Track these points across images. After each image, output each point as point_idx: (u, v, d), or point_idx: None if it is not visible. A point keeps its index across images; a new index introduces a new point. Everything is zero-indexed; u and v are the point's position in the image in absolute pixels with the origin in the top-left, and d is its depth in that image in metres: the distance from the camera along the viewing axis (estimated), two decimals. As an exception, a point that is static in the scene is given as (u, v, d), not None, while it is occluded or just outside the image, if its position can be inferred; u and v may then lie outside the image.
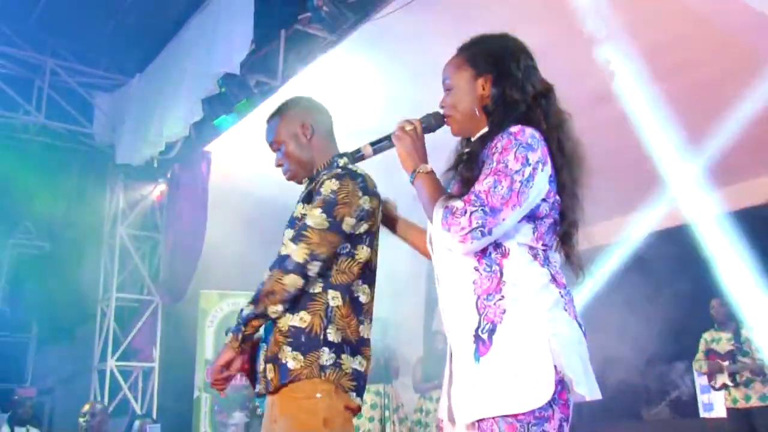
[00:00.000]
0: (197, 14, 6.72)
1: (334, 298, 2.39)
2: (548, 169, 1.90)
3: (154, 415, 8.46)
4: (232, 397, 8.90)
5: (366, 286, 2.48)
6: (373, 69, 6.29)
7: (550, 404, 1.77)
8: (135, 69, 8.00)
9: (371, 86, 6.44)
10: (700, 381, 8.19)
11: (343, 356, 2.35)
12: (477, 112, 2.04)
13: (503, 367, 1.80)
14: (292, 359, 2.33)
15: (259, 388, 2.43)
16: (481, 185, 1.81)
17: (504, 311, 1.83)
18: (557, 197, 1.94)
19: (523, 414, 1.76)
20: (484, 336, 1.84)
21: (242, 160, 8.18)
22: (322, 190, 2.41)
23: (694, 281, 7.45)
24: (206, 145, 7.86)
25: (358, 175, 2.46)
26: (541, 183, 1.87)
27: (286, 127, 2.65)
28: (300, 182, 2.68)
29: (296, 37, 6.13)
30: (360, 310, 2.44)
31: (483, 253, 1.88)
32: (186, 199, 8.22)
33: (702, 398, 8.19)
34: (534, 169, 1.84)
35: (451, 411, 1.92)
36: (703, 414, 8.08)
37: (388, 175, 2.62)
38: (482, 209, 1.78)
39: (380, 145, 2.07)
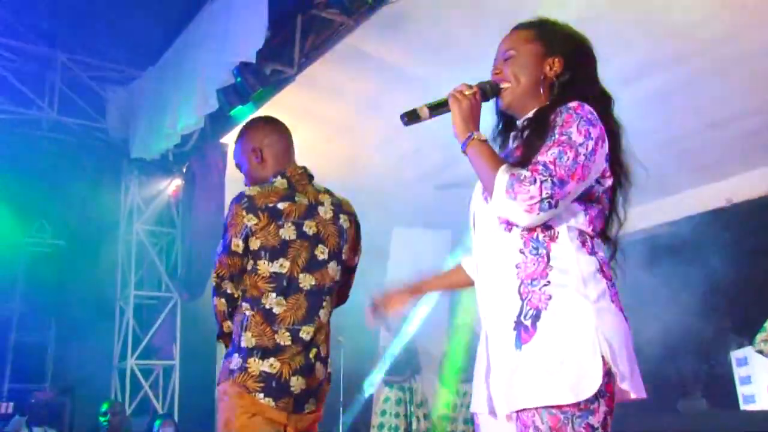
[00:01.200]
0: (210, 3, 6.67)
1: (248, 309, 2.67)
2: (606, 146, 1.86)
3: (176, 413, 8.45)
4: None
5: (281, 297, 2.67)
6: (390, 54, 6.21)
7: (596, 396, 1.71)
8: (147, 62, 7.98)
9: (389, 72, 6.36)
10: (740, 372, 8.05)
11: (251, 360, 2.59)
12: (541, 89, 1.99)
13: (548, 356, 1.74)
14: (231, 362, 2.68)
15: None
16: (546, 156, 1.76)
17: (550, 297, 1.78)
18: (609, 182, 1.91)
19: (568, 406, 1.70)
20: (527, 323, 1.78)
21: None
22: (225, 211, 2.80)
23: (728, 268, 7.35)
24: (222, 136, 7.83)
25: (243, 196, 2.72)
26: (601, 160, 1.84)
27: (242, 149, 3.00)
28: None
29: (312, 22, 6.08)
30: (274, 320, 2.64)
31: (530, 234, 1.83)
32: (202, 192, 8.17)
33: (742, 390, 8.05)
34: (596, 143, 1.81)
35: (491, 402, 1.87)
36: (743, 406, 7.95)
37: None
38: (551, 179, 1.73)
39: (437, 107, 1.95)
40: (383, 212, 7.34)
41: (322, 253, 2.77)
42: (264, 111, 7.02)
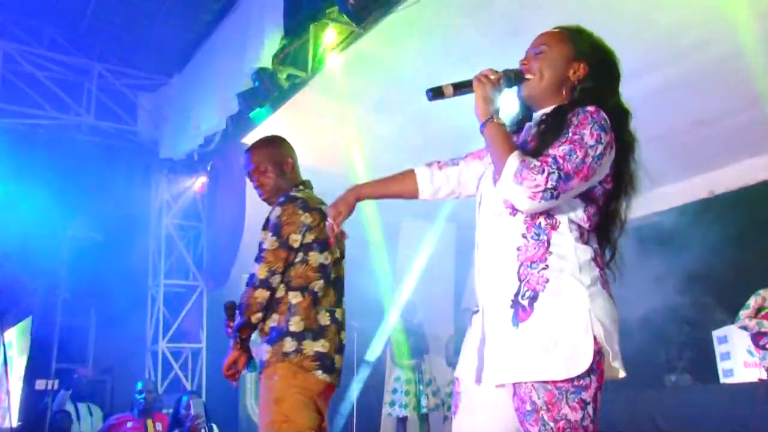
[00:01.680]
0: (230, 14, 6.72)
1: (295, 297, 2.79)
2: (613, 154, 1.86)
3: (203, 392, 8.54)
4: (275, 374, 8.94)
5: (325, 285, 2.87)
6: (399, 58, 6.24)
7: (588, 373, 1.74)
8: (174, 69, 8.08)
9: (399, 75, 6.37)
10: (720, 349, 8.08)
11: (305, 342, 2.74)
12: (563, 90, 1.98)
13: (544, 334, 1.76)
14: (267, 352, 2.79)
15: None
16: (557, 150, 1.77)
17: (547, 280, 1.79)
18: (611, 187, 1.92)
19: (562, 381, 1.72)
20: (525, 302, 1.79)
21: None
22: (270, 218, 2.86)
23: (711, 254, 7.37)
24: (243, 137, 7.80)
25: (296, 198, 2.87)
26: (606, 164, 1.85)
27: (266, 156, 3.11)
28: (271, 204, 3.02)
29: (324, 30, 6.06)
30: (317, 304, 2.83)
31: (534, 221, 1.84)
32: (225, 189, 8.25)
33: (722, 365, 8.08)
34: (605, 148, 1.81)
35: (480, 371, 1.88)
36: (723, 380, 7.98)
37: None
38: (558, 172, 1.73)
39: (461, 87, 1.94)
40: (392, 206, 7.36)
41: (337, 251, 3.00)
42: (280, 113, 7.08)
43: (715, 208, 7.91)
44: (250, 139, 7.79)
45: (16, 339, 8.61)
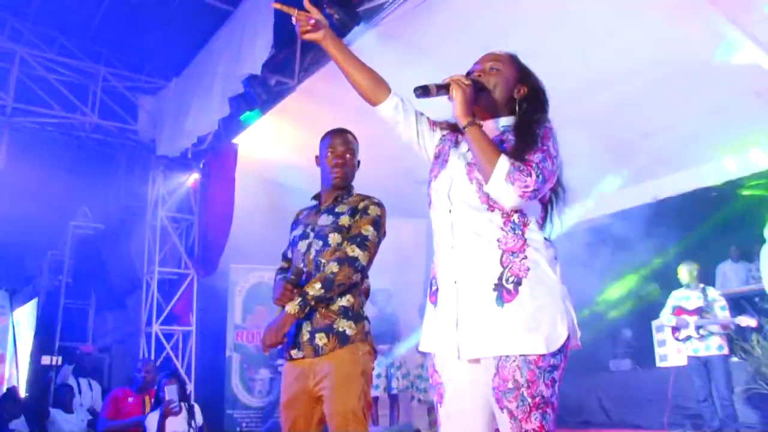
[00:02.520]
0: (225, 25, 6.65)
1: (364, 285, 2.77)
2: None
3: (192, 370, 8.45)
4: (258, 356, 8.89)
5: None
6: (377, 68, 6.17)
7: (560, 355, 1.80)
8: (172, 74, 7.98)
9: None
10: (657, 337, 8.16)
11: (370, 327, 2.72)
12: (508, 105, 2.03)
13: (527, 315, 1.80)
14: (348, 327, 2.63)
15: (301, 353, 2.64)
16: (534, 158, 1.84)
17: (528, 269, 1.83)
18: (553, 192, 1.99)
19: (543, 360, 1.77)
20: (509, 286, 1.82)
21: (265, 151, 8.12)
22: (369, 212, 2.74)
23: (653, 252, 7.45)
24: (233, 137, 7.77)
25: (382, 203, 2.82)
26: (558, 171, 1.94)
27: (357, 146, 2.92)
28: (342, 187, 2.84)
29: (311, 42, 6.01)
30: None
31: (509, 217, 1.87)
32: (216, 185, 8.12)
33: (658, 351, 8.16)
34: (559, 158, 1.91)
35: (458, 347, 1.87)
36: (659, 364, 8.06)
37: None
38: (541, 176, 1.81)
39: (441, 88, 1.94)
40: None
41: None
42: (268, 117, 7.03)
43: (657, 212, 7.97)
44: (240, 139, 7.74)
45: (25, 318, 8.49)
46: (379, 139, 7.33)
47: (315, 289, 2.57)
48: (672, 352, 7.94)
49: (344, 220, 2.74)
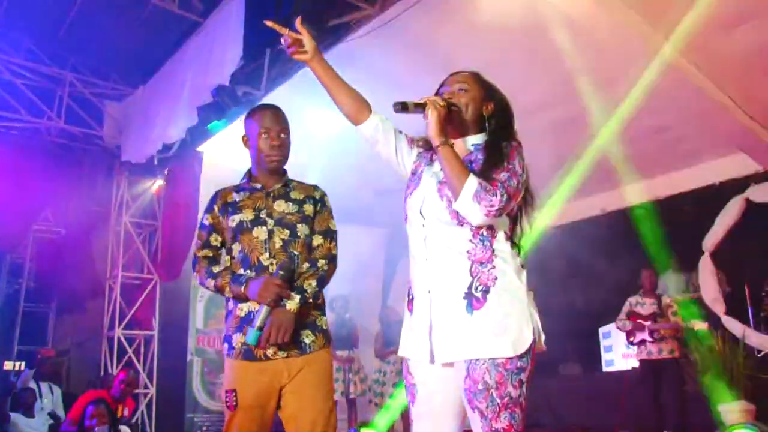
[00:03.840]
0: (194, 35, 6.72)
1: None
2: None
3: (154, 376, 8.45)
4: (218, 360, 8.91)
5: None
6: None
7: (527, 358, 1.89)
8: (140, 81, 7.99)
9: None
10: (604, 342, 8.46)
11: None
12: (478, 123, 2.12)
13: (495, 321, 1.90)
14: (326, 325, 2.58)
15: (285, 352, 2.44)
16: (500, 177, 1.94)
17: (496, 278, 1.94)
18: (520, 206, 2.09)
19: (510, 363, 1.86)
20: (478, 294, 1.92)
21: (230, 160, 8.18)
22: (327, 204, 2.67)
23: (600, 262, 7.70)
24: (199, 146, 7.82)
25: None
26: (524, 188, 2.03)
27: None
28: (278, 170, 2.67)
29: (279, 55, 6.16)
30: None
31: (478, 230, 1.97)
32: (181, 192, 8.17)
33: (605, 356, 8.46)
34: (525, 175, 2.01)
35: (432, 352, 1.97)
36: (605, 369, 8.35)
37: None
38: (505, 195, 1.91)
39: (418, 106, 2.04)
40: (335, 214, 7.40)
41: None
42: (235, 126, 7.11)
43: (605, 224, 8.24)
44: (205, 147, 7.81)
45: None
46: (341, 150, 7.55)
47: (312, 286, 2.48)
48: (618, 357, 8.27)
49: (308, 209, 2.61)
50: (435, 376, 1.99)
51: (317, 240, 2.59)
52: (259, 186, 2.65)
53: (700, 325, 6.44)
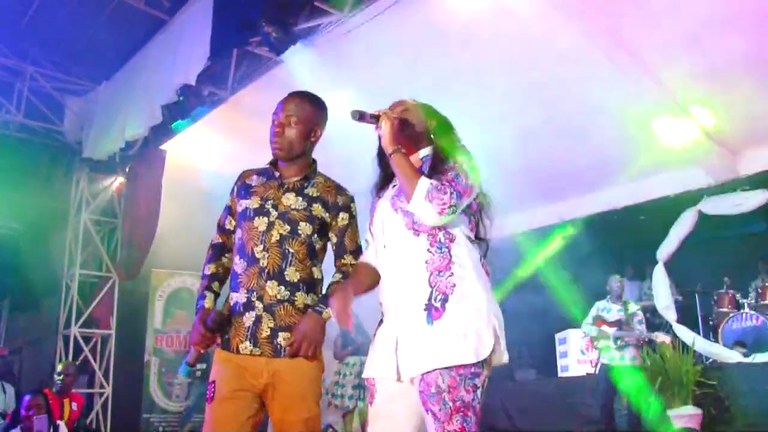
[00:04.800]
0: (160, 33, 6.66)
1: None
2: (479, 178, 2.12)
3: (110, 375, 8.31)
4: (176, 360, 8.84)
5: None
6: (306, 85, 6.30)
7: (481, 364, 1.91)
8: (103, 77, 7.88)
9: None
10: (560, 348, 8.60)
11: None
12: (423, 135, 2.23)
13: (455, 329, 1.92)
14: None
15: (258, 350, 2.32)
16: (448, 176, 2.01)
17: (454, 285, 1.97)
18: (476, 202, 2.15)
19: (464, 368, 1.88)
20: (437, 304, 1.95)
21: (193, 159, 8.13)
22: (353, 213, 2.49)
23: (556, 267, 7.84)
24: (162, 144, 7.73)
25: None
26: (477, 185, 2.10)
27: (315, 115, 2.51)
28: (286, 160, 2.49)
29: (246, 56, 6.15)
30: None
31: (435, 237, 2.02)
32: (142, 190, 8.06)
33: (560, 362, 8.59)
34: (475, 173, 2.08)
35: (398, 369, 1.99)
36: (560, 374, 8.47)
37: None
38: (456, 193, 1.98)
39: (372, 117, 2.16)
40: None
41: None
42: (199, 126, 7.06)
43: (563, 232, 8.37)
44: (168, 146, 7.73)
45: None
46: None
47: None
48: (573, 363, 8.42)
49: (317, 210, 2.43)
50: (397, 383, 2.02)
51: (348, 260, 2.45)
52: (277, 174, 2.50)
53: (663, 338, 6.51)
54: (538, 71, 6.15)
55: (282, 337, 2.32)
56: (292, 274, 2.36)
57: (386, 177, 2.26)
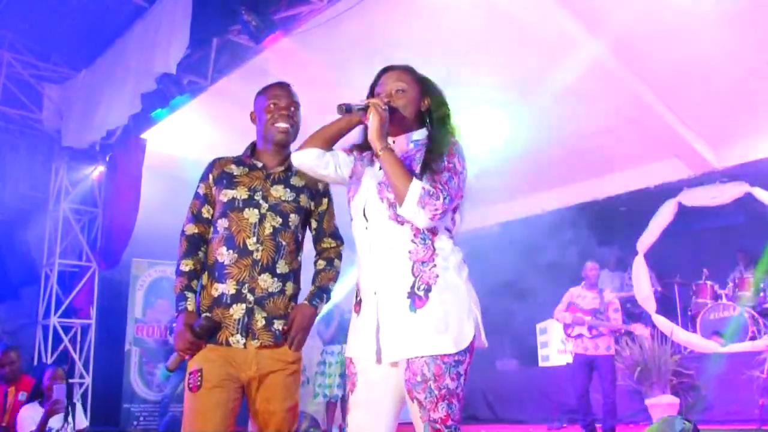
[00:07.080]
0: (140, 20, 6.59)
1: None
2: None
3: (90, 365, 8.29)
4: (157, 349, 8.83)
5: None
6: (287, 75, 6.30)
7: (465, 351, 1.93)
8: (82, 65, 7.78)
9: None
10: (541, 339, 8.68)
11: None
12: (414, 119, 2.15)
13: (437, 319, 1.93)
14: None
15: (258, 341, 2.32)
16: (441, 178, 1.96)
17: (437, 276, 1.97)
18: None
19: (449, 357, 1.90)
20: (420, 293, 1.96)
21: (173, 148, 8.08)
22: (331, 199, 2.55)
23: (538, 258, 7.89)
24: (142, 133, 7.67)
25: None
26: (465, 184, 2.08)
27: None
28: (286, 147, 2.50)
29: (226, 44, 6.12)
30: None
31: (418, 230, 2.00)
32: (122, 179, 7.99)
33: (541, 352, 8.68)
34: (465, 172, 2.05)
35: (379, 352, 2.00)
36: (541, 364, 8.57)
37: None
38: (448, 197, 1.94)
39: (361, 110, 2.04)
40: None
41: None
42: (179, 114, 7.03)
43: (545, 223, 8.42)
44: (148, 134, 7.68)
45: None
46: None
47: (333, 287, 2.52)
48: (553, 353, 8.51)
49: (304, 200, 2.48)
50: (378, 370, 2.03)
51: (328, 243, 2.55)
52: (260, 165, 2.48)
53: (642, 330, 6.49)
54: (519, 61, 6.18)
55: (277, 324, 2.36)
56: (282, 267, 2.39)
57: (367, 142, 2.16)
